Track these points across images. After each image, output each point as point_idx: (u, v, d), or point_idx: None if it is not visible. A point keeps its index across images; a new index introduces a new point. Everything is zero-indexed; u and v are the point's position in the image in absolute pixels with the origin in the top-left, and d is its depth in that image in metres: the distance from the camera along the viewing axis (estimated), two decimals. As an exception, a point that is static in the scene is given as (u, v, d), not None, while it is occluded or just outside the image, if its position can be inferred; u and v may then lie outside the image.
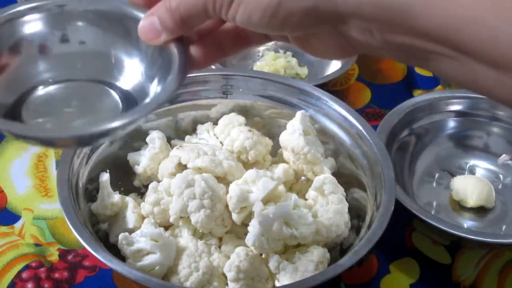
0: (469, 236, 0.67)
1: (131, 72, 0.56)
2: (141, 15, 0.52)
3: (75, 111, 0.55)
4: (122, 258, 0.61)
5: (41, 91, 0.56)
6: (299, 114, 0.70)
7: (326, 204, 0.65)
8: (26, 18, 0.56)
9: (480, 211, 0.76)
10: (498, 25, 0.37)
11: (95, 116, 0.55)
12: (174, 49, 0.49)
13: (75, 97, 0.56)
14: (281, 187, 0.65)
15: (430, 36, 0.40)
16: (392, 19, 0.40)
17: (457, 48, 0.39)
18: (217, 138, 0.73)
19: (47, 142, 0.51)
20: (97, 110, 0.55)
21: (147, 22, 0.49)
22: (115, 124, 0.45)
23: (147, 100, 0.49)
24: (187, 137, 0.74)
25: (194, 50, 0.50)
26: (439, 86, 0.94)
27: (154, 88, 0.52)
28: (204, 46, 0.50)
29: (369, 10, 0.40)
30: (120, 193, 0.68)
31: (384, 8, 0.40)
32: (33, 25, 0.56)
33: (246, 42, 0.51)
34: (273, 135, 0.73)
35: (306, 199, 0.67)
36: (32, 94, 0.56)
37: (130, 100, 0.55)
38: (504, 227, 0.75)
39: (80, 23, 0.56)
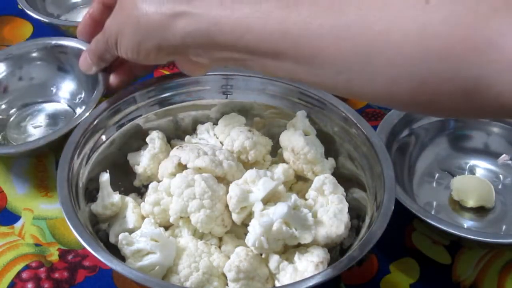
0: (469, 236, 0.67)
1: (67, 90, 0.84)
2: (65, 43, 0.82)
3: (37, 127, 0.83)
4: (122, 258, 0.61)
5: (11, 116, 0.84)
6: (299, 114, 0.70)
7: (326, 204, 0.65)
8: None
9: (480, 211, 0.76)
10: (258, 29, 0.51)
11: (50, 127, 0.82)
12: (100, 76, 0.73)
13: (34, 116, 0.84)
14: (281, 187, 0.65)
15: (229, 47, 0.54)
16: (206, 42, 0.55)
17: (247, 51, 0.53)
18: (217, 138, 0.73)
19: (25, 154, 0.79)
20: (50, 123, 0.83)
21: (82, 58, 0.72)
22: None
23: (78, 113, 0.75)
24: (187, 137, 0.74)
25: (112, 77, 0.73)
26: (439, 86, 0.94)
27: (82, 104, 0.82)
28: (119, 73, 0.73)
29: (190, 40, 0.56)
30: (120, 193, 0.68)
31: (198, 36, 0.55)
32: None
33: (148, 67, 0.72)
34: (273, 135, 0.73)
35: (306, 199, 0.67)
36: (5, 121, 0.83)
37: (70, 110, 0.83)
38: (504, 227, 0.75)
39: (28, 64, 0.84)
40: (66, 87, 0.84)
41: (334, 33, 0.47)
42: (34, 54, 0.83)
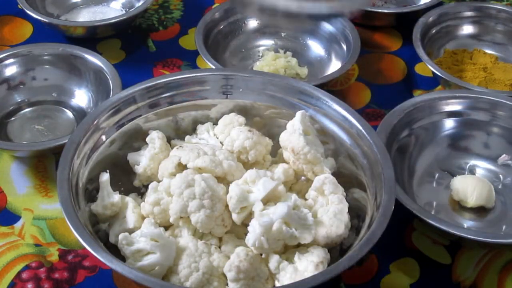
0: (469, 236, 0.67)
1: (80, 96, 0.87)
2: (83, 54, 0.85)
3: (43, 128, 0.84)
4: (122, 258, 0.61)
5: (17, 114, 0.85)
6: (299, 114, 0.70)
7: (326, 204, 0.65)
8: (6, 62, 0.85)
9: (480, 211, 0.76)
10: None
11: (56, 131, 0.83)
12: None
13: (42, 117, 0.85)
14: (281, 187, 0.65)
15: None
16: None
17: None
18: (217, 138, 0.73)
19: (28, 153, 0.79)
20: (58, 126, 0.84)
21: None
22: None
23: None
24: (187, 137, 0.74)
25: None
26: (439, 86, 0.94)
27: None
28: None
29: None
30: (120, 193, 0.68)
31: None
32: (11, 68, 0.86)
33: None
34: (273, 135, 0.73)
35: (306, 199, 0.67)
36: (11, 117, 0.85)
37: (83, 115, 0.82)
38: (504, 227, 0.75)
39: (43, 65, 0.86)
40: (77, 92, 0.87)
41: None
42: (50, 57, 0.87)
